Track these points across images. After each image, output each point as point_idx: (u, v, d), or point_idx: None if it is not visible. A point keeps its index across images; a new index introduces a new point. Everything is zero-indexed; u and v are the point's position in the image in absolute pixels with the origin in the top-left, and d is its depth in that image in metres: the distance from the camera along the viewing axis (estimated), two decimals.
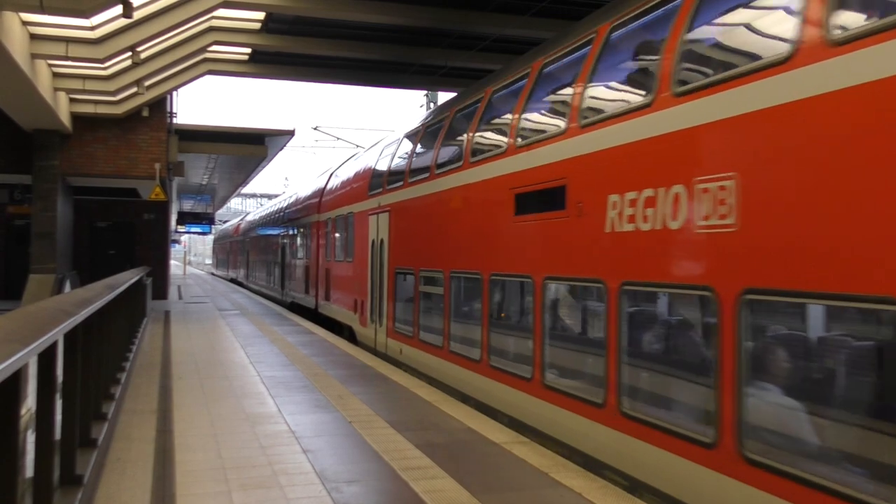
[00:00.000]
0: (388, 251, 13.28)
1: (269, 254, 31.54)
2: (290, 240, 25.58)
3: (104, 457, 6.13)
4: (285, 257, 26.61)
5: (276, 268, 29.12)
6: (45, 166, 19.01)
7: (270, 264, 31.03)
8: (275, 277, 29.31)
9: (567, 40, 8.00)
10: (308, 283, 21.40)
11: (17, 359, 2.69)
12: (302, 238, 23.05)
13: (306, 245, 22.06)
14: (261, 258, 35.11)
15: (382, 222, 13.65)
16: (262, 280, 33.64)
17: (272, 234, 30.60)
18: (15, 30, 12.34)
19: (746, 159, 4.99)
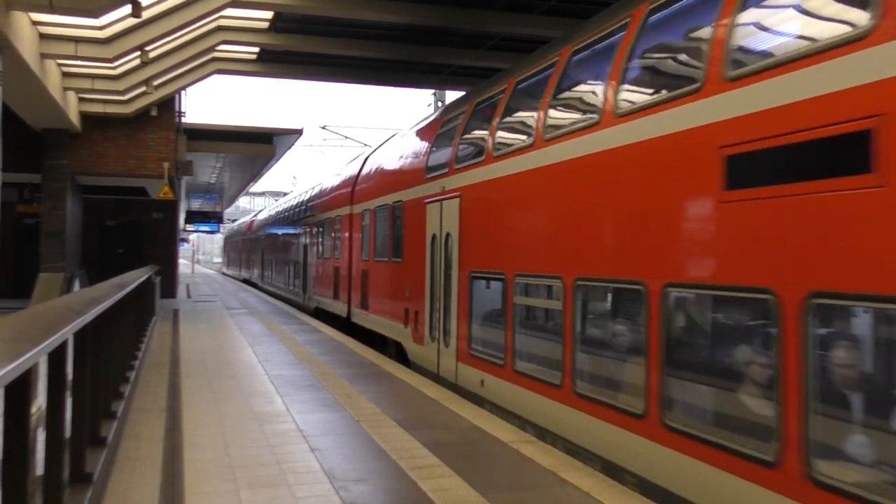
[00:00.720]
0: (457, 249, 10.21)
1: (289, 252, 28.19)
2: (313, 236, 22.54)
3: (114, 455, 6.15)
4: (308, 256, 23.48)
5: (296, 268, 26.00)
6: (54, 165, 19.10)
7: (290, 264, 27.71)
8: (295, 279, 26.15)
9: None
10: (338, 287, 18.49)
11: (27, 358, 2.70)
12: (329, 234, 19.99)
13: (335, 242, 19.06)
14: (278, 257, 31.43)
15: (449, 211, 10.64)
16: (280, 282, 30.14)
17: (291, 230, 27.55)
18: (24, 30, 12.40)
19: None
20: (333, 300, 18.90)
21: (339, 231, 18.55)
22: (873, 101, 4.15)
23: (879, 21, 4.13)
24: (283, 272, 29.71)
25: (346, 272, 17.59)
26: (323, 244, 20.97)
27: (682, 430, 5.49)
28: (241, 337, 15.11)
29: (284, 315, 20.62)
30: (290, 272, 27.48)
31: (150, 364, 11.34)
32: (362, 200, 16.37)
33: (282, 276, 29.98)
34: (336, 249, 18.89)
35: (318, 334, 15.85)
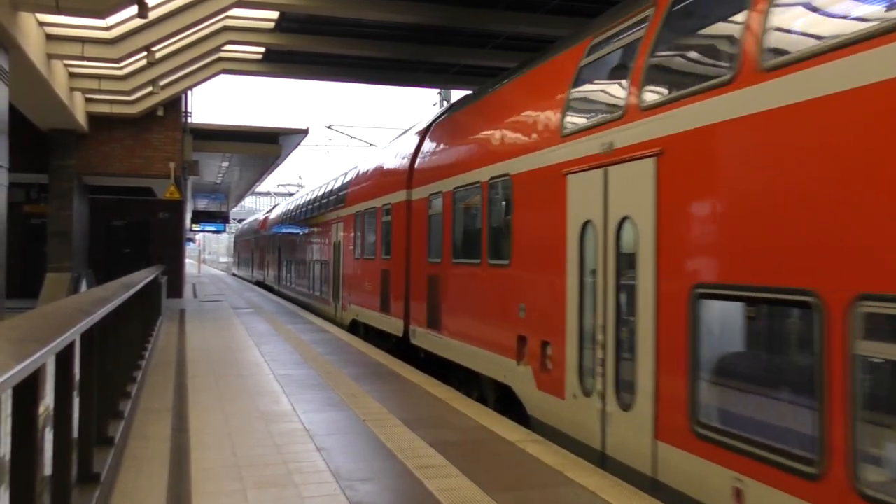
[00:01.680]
0: (655, 243, 6.01)
1: (312, 251, 24.08)
2: (348, 231, 18.43)
3: (121, 455, 6.18)
4: (340, 256, 19.31)
5: (323, 270, 21.69)
6: (61, 165, 19.16)
7: (315, 266, 23.46)
8: (322, 284, 21.81)
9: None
10: (387, 297, 14.35)
11: (35, 359, 2.72)
12: (372, 228, 15.97)
13: (383, 238, 15.01)
14: (299, 257, 26.98)
15: (628, 182, 6.47)
16: (302, 286, 25.80)
17: (316, 225, 23.33)
18: (31, 30, 12.44)
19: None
20: (381, 313, 14.65)
21: (388, 224, 14.48)
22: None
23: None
24: (305, 275, 25.28)
25: (400, 277, 13.40)
26: (363, 241, 16.83)
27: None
28: (247, 336, 15.14)
29: (290, 314, 20.64)
30: (316, 275, 23.09)
31: (156, 364, 11.37)
32: (427, 182, 12.31)
33: (304, 279, 25.41)
34: (385, 247, 14.70)
35: (324, 334, 15.86)
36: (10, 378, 2.35)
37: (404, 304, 13.23)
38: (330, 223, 20.71)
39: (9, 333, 3.03)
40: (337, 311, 19.48)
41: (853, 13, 4.61)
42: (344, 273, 18.81)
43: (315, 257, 23.52)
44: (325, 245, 21.64)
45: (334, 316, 19.72)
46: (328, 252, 20.87)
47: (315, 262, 23.45)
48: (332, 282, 20.18)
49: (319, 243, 22.82)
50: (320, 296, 22.10)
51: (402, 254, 13.50)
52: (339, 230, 19.53)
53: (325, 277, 21.43)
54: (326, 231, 21.36)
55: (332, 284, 20.09)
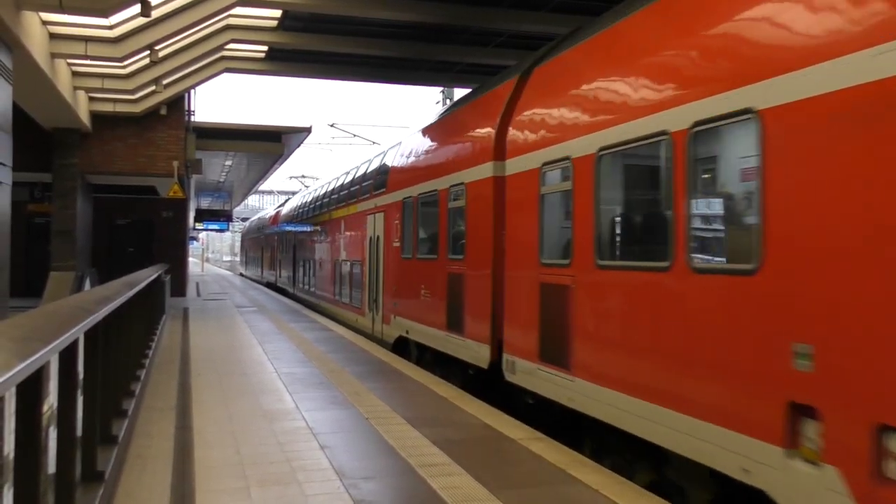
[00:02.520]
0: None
1: (338, 249, 19.95)
2: (391, 224, 14.46)
3: (124, 453, 6.19)
4: (378, 255, 15.43)
5: (353, 272, 17.95)
6: (64, 164, 19.20)
7: (341, 267, 19.46)
8: (351, 288, 18.20)
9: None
10: (459, 310, 10.56)
11: (38, 357, 2.72)
12: (433, 218, 12.09)
13: (453, 231, 11.24)
14: (320, 256, 23.03)
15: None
16: (325, 290, 21.85)
17: (344, 218, 19.31)
18: (35, 29, 12.46)
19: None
20: (449, 333, 10.99)
21: (459, 211, 10.87)
22: None
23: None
24: (328, 277, 21.38)
25: (484, 284, 9.74)
26: (415, 235, 13.03)
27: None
28: (251, 335, 15.15)
29: (293, 313, 20.64)
30: (342, 278, 19.28)
31: (160, 362, 11.38)
32: (538, 147, 8.31)
33: (327, 282, 21.54)
34: (453, 243, 11.18)
35: (328, 332, 15.87)
36: (13, 376, 2.35)
37: (491, 324, 9.46)
38: (363, 215, 16.90)
39: (12, 332, 3.04)
40: (375, 324, 15.47)
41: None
42: (385, 276, 14.73)
43: (341, 256, 19.37)
44: (355, 241, 17.83)
45: (370, 329, 15.79)
46: (360, 250, 17.13)
47: (342, 261, 19.35)
48: (367, 286, 16.30)
49: (347, 239, 18.87)
50: (349, 303, 18.26)
51: (486, 252, 9.65)
52: (376, 223, 15.57)
53: (355, 280, 17.58)
54: (357, 224, 17.44)
55: (368, 289, 16.15)
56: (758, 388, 4.87)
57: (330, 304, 20.90)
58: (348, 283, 18.58)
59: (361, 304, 16.87)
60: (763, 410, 4.80)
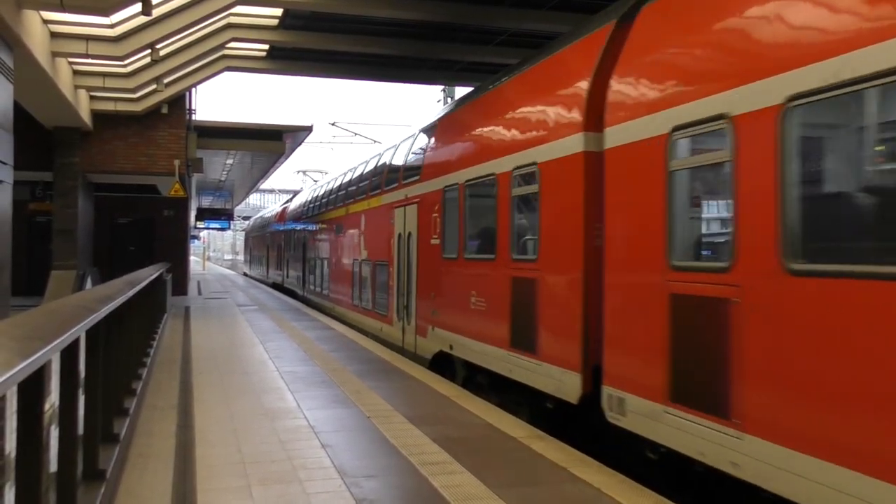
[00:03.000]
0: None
1: (357, 248, 17.64)
2: (427, 218, 12.22)
3: (126, 452, 6.19)
4: (410, 254, 13.15)
5: (374, 274, 15.83)
6: (65, 163, 19.20)
7: (360, 268, 17.23)
8: (374, 292, 15.92)
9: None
10: (530, 325, 8.40)
11: (40, 355, 2.72)
12: (487, 210, 9.84)
13: (518, 224, 9.05)
14: (335, 255, 20.64)
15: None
16: (341, 293, 19.49)
17: (364, 213, 17.06)
18: (36, 28, 12.46)
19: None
20: (513, 352, 8.73)
21: (524, 201, 8.83)
22: None
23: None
24: (344, 278, 19.07)
25: (570, 293, 7.58)
26: (461, 231, 10.73)
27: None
28: (252, 334, 15.15)
29: (294, 311, 20.65)
30: (363, 281, 16.98)
31: (161, 361, 11.39)
32: (674, 102, 6.05)
33: (343, 284, 19.25)
34: (518, 239, 8.92)
35: (329, 331, 15.86)
36: (14, 375, 2.35)
37: (582, 345, 7.27)
38: (388, 208, 14.63)
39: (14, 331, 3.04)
40: (405, 335, 13.37)
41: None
42: (420, 279, 12.57)
43: (361, 255, 17.15)
44: (378, 239, 15.56)
45: (399, 340, 13.69)
46: (385, 248, 14.85)
47: (362, 262, 17.08)
48: (394, 291, 14.11)
49: (369, 237, 16.62)
50: (372, 309, 16.04)
51: (573, 250, 7.45)
52: (407, 217, 13.33)
53: (379, 284, 15.34)
54: (381, 220, 15.19)
55: (396, 295, 13.94)
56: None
57: (347, 309, 18.68)
58: (370, 286, 16.19)
59: (388, 311, 14.51)
60: None
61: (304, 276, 26.45)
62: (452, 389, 9.34)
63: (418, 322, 12.62)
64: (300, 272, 27.24)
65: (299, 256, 27.57)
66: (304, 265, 26.50)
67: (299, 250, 27.59)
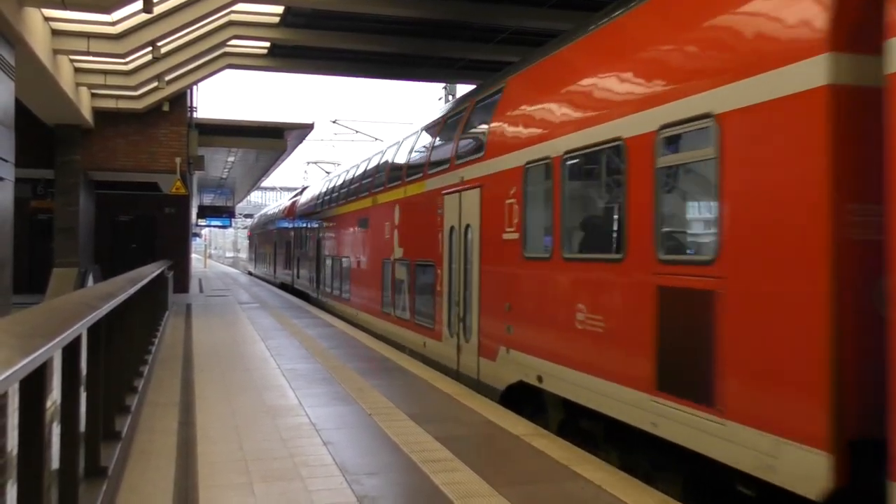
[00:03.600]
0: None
1: (390, 245, 14.65)
2: (494, 207, 9.56)
3: (128, 449, 6.19)
4: (469, 254, 10.45)
5: (415, 277, 13.08)
6: (66, 161, 19.20)
7: (395, 269, 14.34)
8: (414, 298, 13.20)
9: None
10: (707, 358, 5.39)
11: (41, 353, 2.72)
12: (604, 191, 7.61)
13: (679, 205, 6.60)
14: (358, 254, 17.76)
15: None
16: (369, 298, 16.47)
17: (398, 204, 14.21)
18: (37, 25, 12.45)
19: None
20: (664, 397, 5.92)
21: (680, 175, 6.36)
22: None
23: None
24: (373, 283, 16.07)
25: (792, 315, 4.79)
26: (552, 222, 8.12)
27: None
28: (254, 331, 15.16)
29: (295, 309, 20.65)
30: (398, 285, 14.10)
31: (163, 358, 11.39)
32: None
33: (371, 289, 16.21)
34: (659, 232, 6.23)
35: (330, 328, 15.87)
36: (16, 372, 2.35)
37: (832, 404, 4.45)
38: (435, 196, 11.83)
39: (15, 328, 3.04)
40: (462, 354, 10.45)
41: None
42: (485, 285, 9.75)
43: (396, 254, 14.27)
44: (420, 233, 12.88)
45: (453, 361, 10.76)
46: (430, 244, 12.03)
47: (397, 262, 14.22)
48: (444, 298, 11.29)
49: (406, 231, 13.86)
50: (411, 320, 13.17)
51: (811, 247, 4.68)
52: (463, 206, 10.58)
53: (422, 288, 12.62)
54: (424, 209, 12.41)
55: (447, 303, 11.16)
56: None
57: (375, 317, 15.77)
58: (407, 291, 13.47)
59: (434, 322, 11.73)
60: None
61: (317, 276, 23.47)
62: (455, 388, 9.34)
63: (482, 340, 9.69)
64: (313, 272, 24.38)
65: (312, 255, 24.70)
66: (317, 264, 23.55)
67: (312, 248, 24.69)
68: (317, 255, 23.75)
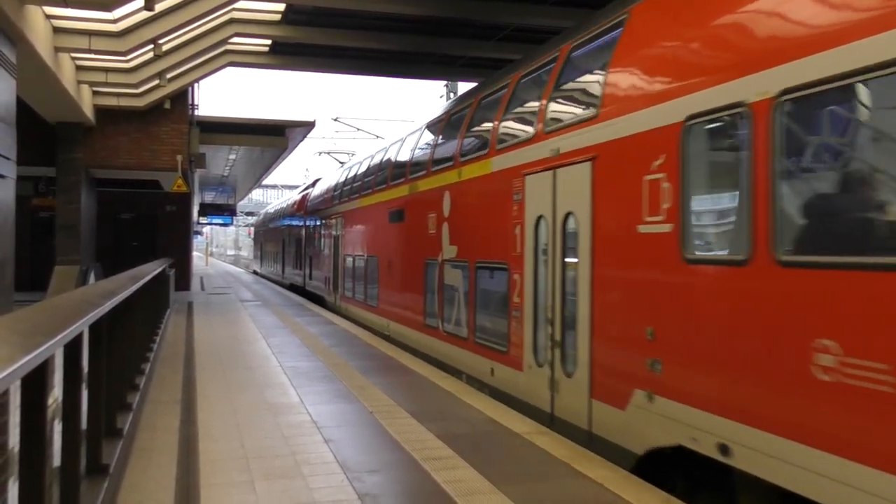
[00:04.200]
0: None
1: (440, 244, 11.82)
2: (627, 186, 6.46)
3: (129, 446, 6.20)
4: (554, 256, 7.93)
5: (474, 283, 10.39)
6: (68, 159, 19.22)
7: (447, 273, 11.64)
8: (473, 314, 10.42)
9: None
10: None
11: (43, 350, 2.72)
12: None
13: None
14: (391, 255, 14.89)
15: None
16: (407, 308, 13.70)
17: (448, 191, 11.55)
18: (38, 23, 12.45)
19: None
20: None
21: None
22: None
23: None
24: (413, 289, 13.33)
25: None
26: (756, 204, 4.95)
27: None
28: (255, 329, 15.16)
29: (297, 307, 20.66)
30: (451, 293, 11.39)
31: (164, 356, 11.40)
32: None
33: (412, 298, 13.36)
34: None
35: (332, 326, 15.87)
36: (18, 369, 2.35)
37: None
38: (506, 178, 9.22)
39: (17, 325, 3.04)
40: (558, 392, 7.74)
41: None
42: (600, 298, 7.05)
43: (446, 254, 11.54)
44: (482, 226, 10.15)
45: (543, 399, 8.01)
46: (501, 242, 9.30)
47: (442, 262, 11.69)
48: (527, 313, 8.57)
49: (459, 223, 11.14)
50: (468, 337, 10.47)
51: None
52: (558, 187, 7.95)
53: (489, 301, 9.99)
54: (489, 196, 9.86)
55: (532, 320, 8.46)
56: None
57: (416, 330, 12.98)
58: (464, 301, 10.73)
59: (510, 345, 8.94)
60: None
61: (335, 278, 20.26)
62: (456, 385, 9.33)
63: (598, 376, 6.94)
64: (329, 273, 21.22)
65: (328, 253, 21.72)
66: (335, 264, 20.28)
67: (328, 245, 21.69)
68: (334, 254, 20.59)
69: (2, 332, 2.82)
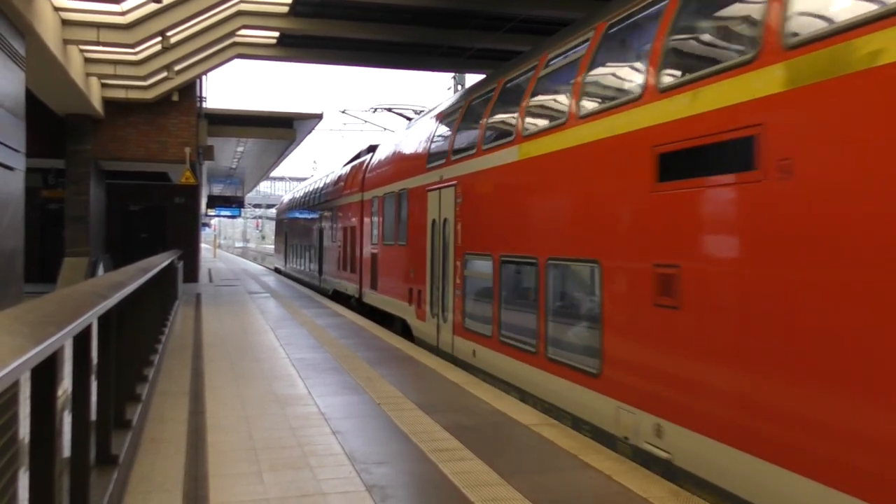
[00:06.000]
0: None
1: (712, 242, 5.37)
2: None
3: (138, 437, 6.23)
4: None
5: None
6: (77, 151, 19.28)
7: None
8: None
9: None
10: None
11: (53, 341, 2.73)
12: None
13: None
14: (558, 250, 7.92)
15: None
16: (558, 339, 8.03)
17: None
18: (47, 16, 12.47)
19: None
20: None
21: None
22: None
23: None
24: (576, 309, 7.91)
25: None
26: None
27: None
28: (263, 320, 15.20)
29: (305, 299, 20.70)
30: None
31: (173, 348, 11.44)
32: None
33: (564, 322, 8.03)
34: None
35: (339, 318, 15.90)
36: (28, 360, 2.36)
37: None
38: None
39: (27, 316, 3.05)
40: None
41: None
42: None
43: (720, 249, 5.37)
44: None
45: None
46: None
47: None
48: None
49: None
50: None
51: None
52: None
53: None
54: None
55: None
56: None
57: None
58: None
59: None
60: None
61: (440, 293, 11.86)
62: (463, 377, 9.35)
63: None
64: (425, 285, 12.67)
65: (423, 250, 12.89)
66: (440, 270, 11.92)
67: (420, 239, 13.05)
68: (441, 250, 11.92)
69: (12, 323, 2.84)
